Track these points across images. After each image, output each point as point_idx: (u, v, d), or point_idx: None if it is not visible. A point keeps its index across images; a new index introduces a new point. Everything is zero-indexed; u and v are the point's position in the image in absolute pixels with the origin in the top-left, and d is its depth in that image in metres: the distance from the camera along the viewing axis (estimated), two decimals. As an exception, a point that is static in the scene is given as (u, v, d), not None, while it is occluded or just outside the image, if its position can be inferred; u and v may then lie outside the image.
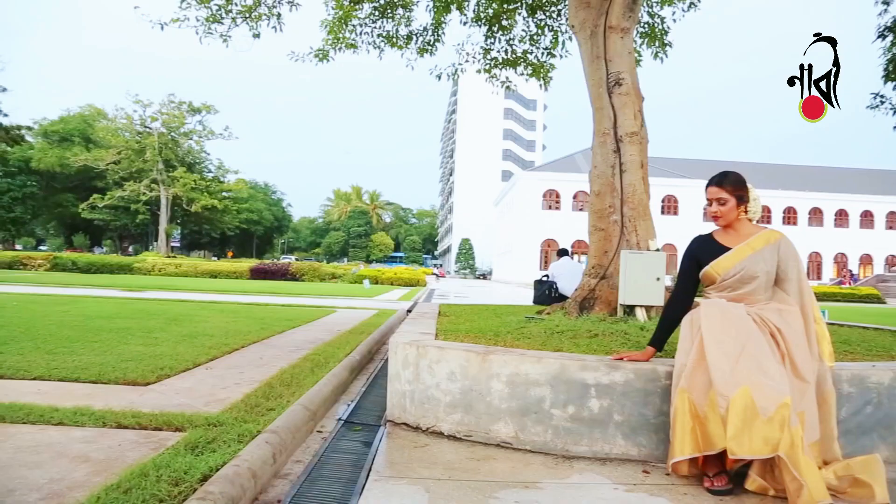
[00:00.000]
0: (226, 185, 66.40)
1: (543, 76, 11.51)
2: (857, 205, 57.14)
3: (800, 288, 3.09)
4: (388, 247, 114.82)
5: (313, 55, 10.63)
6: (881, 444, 3.27)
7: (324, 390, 4.12)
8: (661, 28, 10.38)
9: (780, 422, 2.57)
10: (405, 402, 3.66)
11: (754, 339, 2.83)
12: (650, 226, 5.51)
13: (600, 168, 5.72)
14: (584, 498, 2.65)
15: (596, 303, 5.40)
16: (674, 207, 52.87)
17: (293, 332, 7.58)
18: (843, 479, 2.73)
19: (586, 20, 6.03)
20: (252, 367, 5.11)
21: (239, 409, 3.56)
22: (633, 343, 3.91)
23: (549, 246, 52.16)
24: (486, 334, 4.37)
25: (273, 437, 2.94)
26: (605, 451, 3.18)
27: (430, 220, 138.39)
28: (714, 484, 2.73)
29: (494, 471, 2.95)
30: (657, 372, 3.17)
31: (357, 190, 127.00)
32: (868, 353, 4.12)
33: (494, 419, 3.33)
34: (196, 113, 59.43)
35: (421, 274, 34.09)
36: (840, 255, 56.84)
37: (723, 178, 3.19)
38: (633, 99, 5.70)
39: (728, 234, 3.22)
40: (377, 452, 3.19)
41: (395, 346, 3.80)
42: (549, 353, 3.51)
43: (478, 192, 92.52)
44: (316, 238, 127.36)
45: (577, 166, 53.24)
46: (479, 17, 10.98)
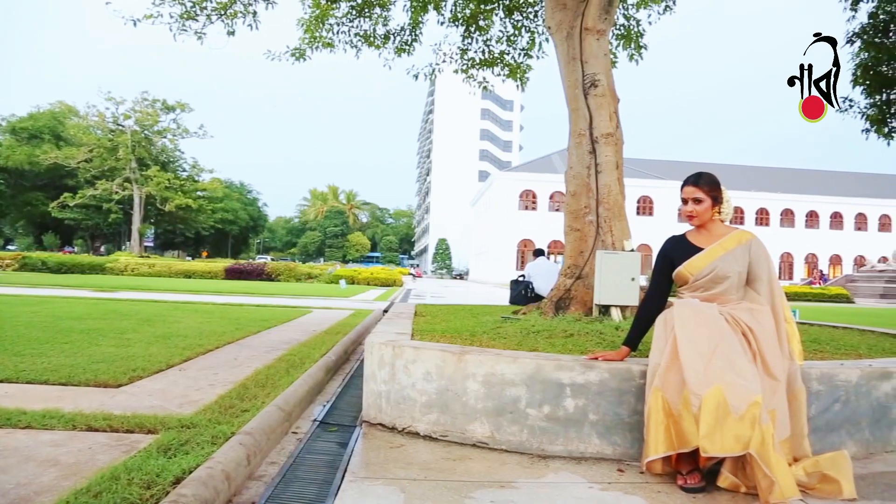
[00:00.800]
0: (200, 184, 65.67)
1: (520, 77, 11.55)
2: (826, 206, 58.25)
3: (770, 288, 3.13)
4: (365, 247, 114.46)
5: (290, 54, 10.56)
6: (849, 440, 3.34)
7: (299, 391, 4.09)
8: (636, 30, 10.47)
9: (752, 420, 2.60)
10: (381, 403, 3.65)
11: (726, 339, 2.86)
12: (625, 226, 5.55)
13: (576, 169, 5.75)
14: (560, 497, 2.66)
15: (571, 303, 5.44)
16: (649, 208, 53.40)
17: (268, 333, 7.52)
18: (813, 476, 2.78)
19: (563, 22, 6.06)
20: (226, 367, 5.06)
21: (213, 411, 3.52)
22: (608, 343, 3.94)
23: (525, 246, 52.38)
24: (463, 334, 4.38)
25: (247, 439, 2.91)
26: (580, 450, 3.20)
27: (407, 220, 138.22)
28: (687, 482, 2.76)
29: (470, 471, 2.95)
30: (632, 371, 3.20)
31: (333, 190, 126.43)
32: (837, 351, 4.20)
33: (470, 419, 3.34)
34: (170, 111, 58.74)
35: (397, 274, 34.03)
36: (811, 255, 57.88)
37: (699, 178, 3.23)
38: (608, 100, 5.74)
39: (701, 235, 3.26)
40: (353, 453, 3.17)
41: (371, 347, 3.79)
42: (524, 353, 3.52)
43: (455, 193, 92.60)
44: (292, 238, 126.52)
45: (553, 167, 53.55)
46: (456, 18, 10.99)
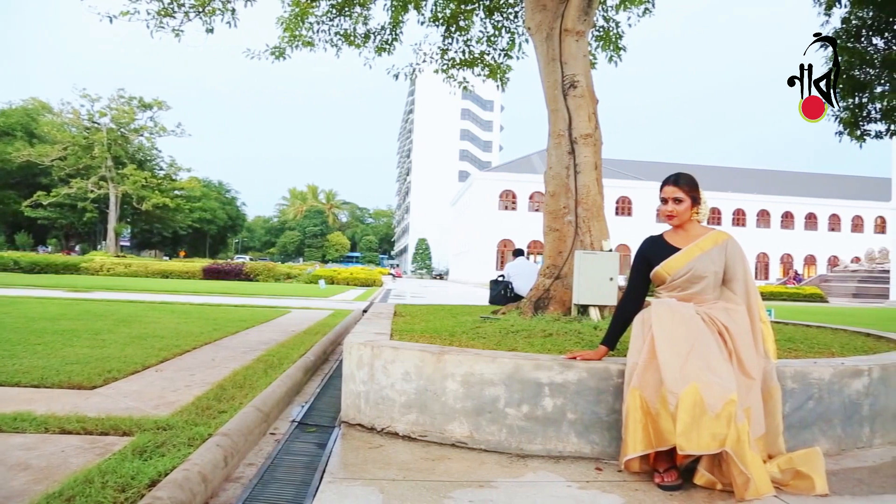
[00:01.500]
0: (178, 182, 64.96)
1: (500, 77, 11.58)
2: (801, 207, 59.16)
3: (746, 288, 3.17)
4: (345, 247, 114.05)
5: (269, 53, 10.49)
6: (821, 437, 3.39)
7: (277, 392, 4.07)
8: (615, 32, 10.55)
9: (727, 418, 2.63)
10: (360, 403, 3.64)
11: (703, 338, 2.89)
12: (604, 226, 5.59)
13: (555, 169, 5.78)
14: (538, 496, 2.67)
15: (550, 302, 5.46)
16: (627, 208, 53.80)
17: (246, 333, 7.47)
18: (786, 472, 2.82)
19: (542, 23, 6.08)
20: (204, 368, 5.01)
21: (189, 412, 3.48)
22: (586, 342, 3.96)
23: (505, 246, 52.52)
24: (442, 334, 4.37)
25: (224, 440, 2.88)
26: (558, 449, 3.22)
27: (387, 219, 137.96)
28: (664, 479, 2.79)
29: (449, 470, 2.95)
30: (609, 371, 3.22)
31: (313, 189, 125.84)
32: (811, 350, 4.27)
33: (449, 419, 3.34)
34: (147, 108, 58.02)
35: (377, 274, 33.94)
36: (786, 255, 58.72)
37: (679, 179, 3.26)
38: (587, 101, 5.77)
39: (678, 235, 3.29)
40: (331, 454, 3.16)
41: (350, 347, 3.77)
42: (503, 352, 3.53)
43: (435, 193, 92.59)
44: (271, 238, 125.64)
45: (533, 167, 53.76)
46: (436, 18, 10.98)
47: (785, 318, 7.61)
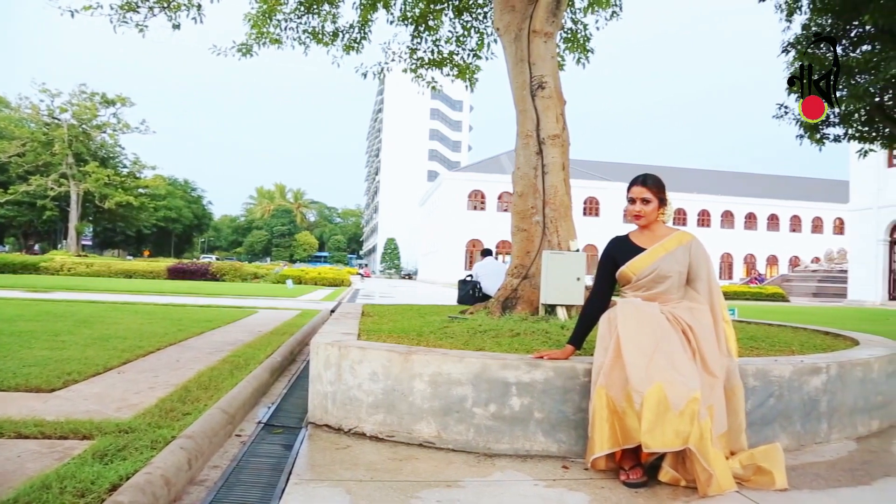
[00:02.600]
0: (142, 181, 63.68)
1: (469, 77, 11.60)
2: (764, 209, 60.44)
3: (709, 287, 3.23)
4: (313, 246, 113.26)
5: (236, 49, 10.36)
6: (782, 433, 3.47)
7: (243, 393, 4.02)
8: (583, 34, 10.65)
9: (691, 415, 2.68)
10: (327, 404, 3.61)
11: (667, 337, 2.94)
12: (571, 227, 5.64)
13: (523, 169, 5.81)
14: (505, 495, 2.68)
15: (518, 302, 5.49)
16: (595, 209, 54.36)
17: (212, 334, 7.36)
18: (748, 468, 2.88)
19: (511, 23, 6.11)
20: (168, 370, 4.93)
21: (153, 415, 3.42)
22: (553, 342, 3.99)
23: (474, 246, 52.64)
24: (410, 334, 4.37)
25: (188, 443, 2.84)
26: (525, 448, 3.23)
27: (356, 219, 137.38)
28: (630, 477, 2.82)
29: (417, 470, 2.95)
30: (576, 370, 3.25)
31: (281, 188, 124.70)
32: (772, 348, 4.36)
33: (417, 419, 3.33)
34: (110, 105, 56.75)
35: (345, 274, 33.76)
36: (749, 255, 59.91)
37: (647, 179, 3.30)
38: (555, 102, 5.82)
39: (643, 235, 3.33)
40: (298, 455, 3.13)
41: (317, 347, 3.75)
42: (471, 352, 3.54)
43: (403, 192, 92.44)
44: (238, 237, 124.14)
45: (502, 167, 53.99)
46: (405, 17, 10.96)
47: (748, 317, 7.76)
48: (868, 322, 13.07)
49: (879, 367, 4.01)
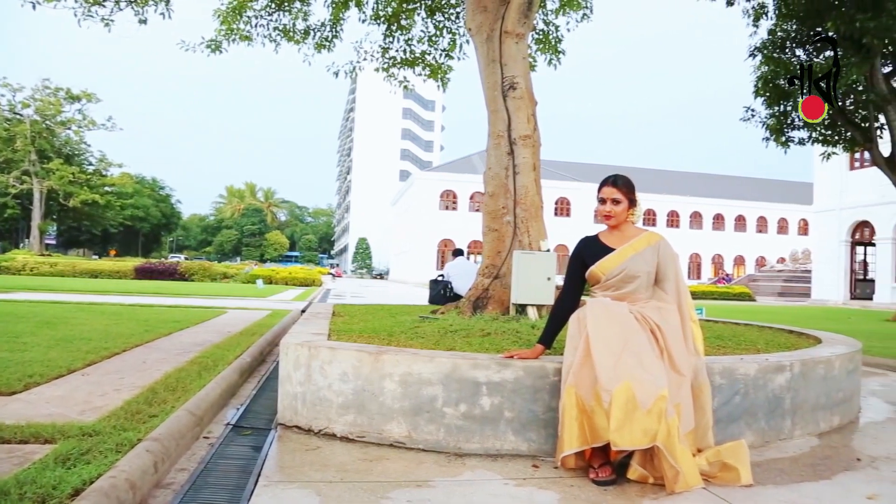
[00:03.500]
0: (108, 178, 62.51)
1: (441, 77, 11.61)
2: (731, 210, 61.50)
3: (677, 287, 3.27)
4: (283, 246, 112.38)
5: (205, 46, 10.24)
6: (747, 430, 3.53)
7: (211, 394, 3.96)
8: (555, 36, 10.73)
9: (658, 414, 2.71)
10: (297, 405, 3.59)
11: (636, 336, 2.97)
12: (542, 227, 5.67)
13: (494, 170, 5.83)
14: (476, 494, 2.69)
15: (489, 302, 5.50)
16: (566, 209, 54.78)
17: (180, 335, 7.25)
18: (714, 465, 2.93)
19: (483, 24, 6.13)
20: (134, 371, 4.84)
21: (118, 417, 3.35)
22: (524, 341, 4.01)
23: (445, 246, 52.70)
24: (380, 334, 4.36)
25: (155, 445, 2.79)
26: (496, 447, 3.24)
27: (327, 218, 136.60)
28: (599, 475, 2.84)
29: (387, 471, 2.94)
30: (546, 369, 3.26)
31: (251, 187, 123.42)
32: (738, 347, 4.44)
33: (387, 419, 3.33)
34: (75, 101, 55.52)
35: (316, 274, 33.58)
36: (717, 256, 60.91)
37: (617, 180, 3.33)
38: (526, 103, 5.85)
39: (613, 236, 3.37)
40: (267, 457, 3.10)
41: (287, 348, 3.72)
42: (441, 352, 3.54)
43: (375, 192, 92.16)
44: (207, 236, 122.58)
45: (473, 167, 54.11)
46: (377, 16, 10.94)
47: (715, 317, 7.90)
48: (831, 321, 13.37)
49: (840, 364, 4.11)
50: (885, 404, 4.93)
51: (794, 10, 13.74)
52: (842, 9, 12.85)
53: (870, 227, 28.48)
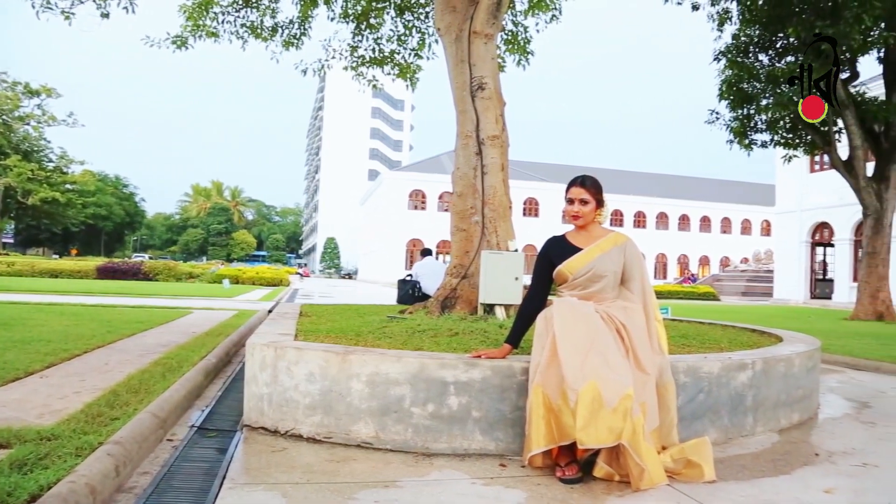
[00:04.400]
0: (69, 176, 61.09)
1: (410, 77, 11.60)
2: (697, 210, 62.51)
3: (643, 288, 3.32)
4: (251, 245, 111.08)
5: (171, 42, 10.08)
6: (710, 427, 3.59)
7: (175, 396, 3.90)
8: (524, 37, 10.79)
9: (623, 412, 2.74)
10: (263, 406, 3.55)
11: (601, 336, 3.00)
12: (510, 227, 5.70)
13: (463, 170, 5.84)
14: (443, 494, 2.69)
15: (457, 302, 5.51)
16: (535, 209, 55.09)
17: (143, 335, 7.12)
18: (679, 462, 2.97)
19: (452, 24, 6.14)
20: (95, 373, 4.74)
21: (78, 420, 3.28)
22: (492, 341, 4.02)
23: (414, 246, 52.59)
24: (348, 334, 4.33)
25: (116, 449, 2.73)
26: (463, 447, 3.25)
27: (295, 218, 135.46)
28: (565, 473, 2.87)
29: (354, 472, 2.92)
30: (513, 368, 3.28)
31: (217, 185, 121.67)
32: (702, 346, 4.52)
33: (355, 419, 3.31)
34: (34, 95, 54.10)
35: (284, 273, 33.31)
36: (683, 256, 61.85)
37: (585, 180, 3.36)
38: (495, 103, 5.87)
39: (580, 236, 3.40)
40: (232, 459, 3.06)
41: (252, 348, 3.67)
42: (408, 352, 3.53)
43: (344, 191, 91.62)
44: (172, 235, 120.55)
45: (442, 167, 54.12)
46: (346, 14, 10.88)
47: (681, 316, 8.02)
48: (791, 320, 13.68)
49: (800, 362, 4.21)
50: (842, 401, 5.06)
51: (757, 16, 14.04)
52: (802, 16, 13.17)
53: (829, 229, 29.20)
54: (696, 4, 14.89)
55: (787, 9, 13.32)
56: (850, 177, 14.88)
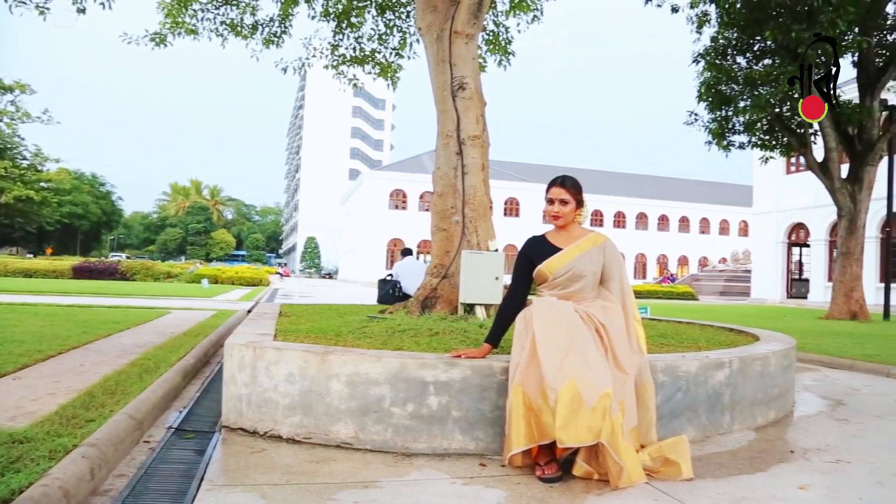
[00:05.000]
0: (44, 174, 60.03)
1: (391, 76, 11.58)
2: (676, 211, 63.12)
3: (622, 288, 3.35)
4: (230, 245, 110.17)
5: (149, 39, 9.97)
6: (688, 425, 3.63)
7: (153, 397, 3.86)
8: (505, 37, 10.81)
9: (603, 411, 2.76)
10: (241, 406, 3.52)
11: (581, 335, 3.01)
12: (490, 227, 5.71)
13: (443, 170, 5.84)
14: (423, 494, 2.69)
15: (438, 301, 5.51)
16: (515, 209, 55.26)
17: (120, 336, 7.03)
18: (657, 460, 3.00)
19: (433, 24, 6.13)
20: (70, 374, 4.67)
21: (52, 423, 3.22)
22: (472, 340, 4.02)
23: (395, 245, 52.52)
24: (328, 334, 4.32)
25: (91, 451, 2.69)
26: (443, 446, 3.25)
27: (275, 217, 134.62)
28: (545, 472, 2.87)
29: (334, 472, 2.91)
30: (493, 368, 3.28)
31: (196, 184, 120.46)
32: (680, 345, 4.56)
33: (334, 420, 3.29)
34: (7, 91, 53.07)
35: (264, 273, 33.14)
36: (662, 256, 62.41)
37: (565, 181, 3.38)
38: (475, 103, 5.88)
39: (560, 236, 3.41)
40: (210, 460, 3.03)
41: (231, 348, 3.64)
42: (388, 352, 3.52)
43: (324, 190, 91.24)
44: (150, 235, 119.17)
45: (423, 167, 54.09)
46: (327, 13, 10.83)
47: (659, 315, 8.09)
48: (768, 319, 13.86)
49: (776, 361, 4.26)
50: (817, 398, 5.14)
51: (735, 20, 14.21)
52: (779, 19, 13.36)
53: (805, 229, 29.63)
54: (675, 7, 15.04)
55: (765, 13, 13.51)
56: (826, 178, 15.11)
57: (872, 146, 14.73)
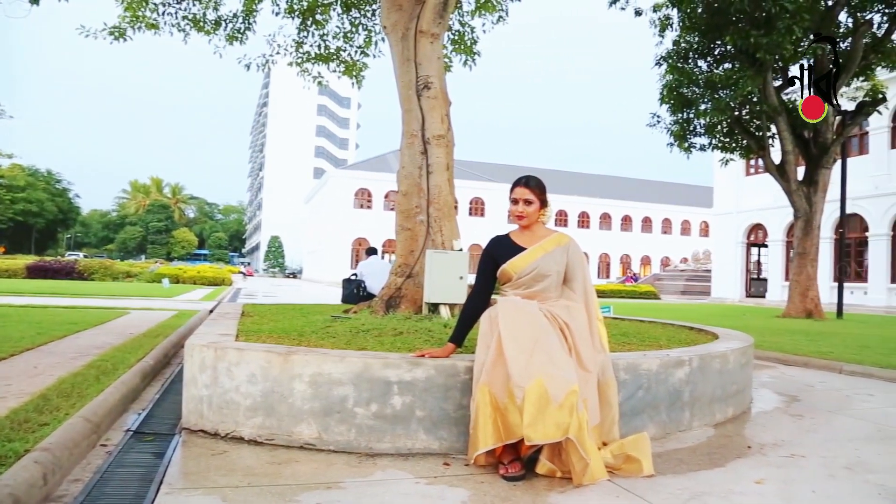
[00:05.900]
0: (-3, 170, 58.46)
1: (356, 75, 11.53)
2: (638, 211, 64.10)
3: (584, 287, 3.39)
4: (192, 244, 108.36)
5: (108, 32, 9.75)
6: (650, 423, 3.68)
7: (110, 399, 3.77)
8: (470, 37, 10.84)
9: (570, 407, 2.78)
10: (202, 408, 3.46)
11: (546, 334, 3.03)
12: (455, 226, 5.72)
13: (408, 169, 5.83)
14: (387, 494, 2.68)
15: (402, 301, 5.50)
16: (481, 209, 55.48)
17: (77, 337, 6.86)
18: (618, 457, 3.03)
19: (398, 23, 6.11)
20: (23, 377, 4.53)
21: (2, 427, 3.11)
22: (436, 340, 4.02)
23: (360, 245, 52.29)
24: (291, 334, 4.27)
25: (44, 456, 2.62)
26: (407, 446, 3.24)
27: (238, 216, 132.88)
28: (509, 471, 2.89)
29: (296, 473, 2.88)
30: (457, 367, 3.29)
31: (157, 182, 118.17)
32: (642, 343, 4.62)
33: (297, 420, 3.26)
34: (-41, 87, 51.56)
35: (227, 272, 32.69)
36: (625, 255, 63.29)
37: (529, 181, 3.40)
38: (440, 103, 5.88)
39: (524, 235, 3.43)
40: (170, 463, 2.98)
41: (191, 349, 3.58)
42: (352, 351, 3.50)
43: (289, 189, 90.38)
44: (109, 233, 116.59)
45: (388, 166, 53.97)
46: (292, 10, 10.73)
47: (622, 314, 8.20)
48: (727, 318, 14.15)
49: (735, 359, 4.35)
50: (774, 395, 5.26)
51: (697, 24, 14.48)
52: (738, 25, 13.65)
53: (763, 230, 30.36)
54: (638, 10, 15.26)
55: (725, 18, 13.79)
56: (783, 180, 15.50)
57: (827, 150, 15.16)
